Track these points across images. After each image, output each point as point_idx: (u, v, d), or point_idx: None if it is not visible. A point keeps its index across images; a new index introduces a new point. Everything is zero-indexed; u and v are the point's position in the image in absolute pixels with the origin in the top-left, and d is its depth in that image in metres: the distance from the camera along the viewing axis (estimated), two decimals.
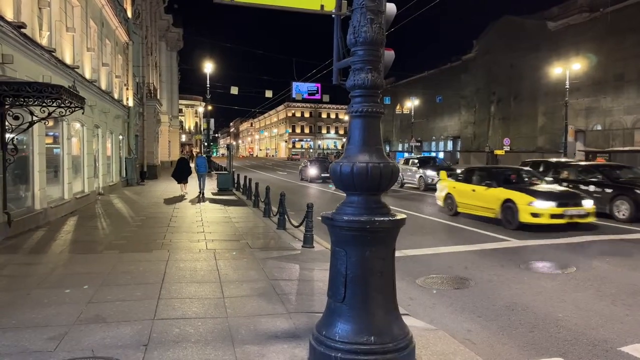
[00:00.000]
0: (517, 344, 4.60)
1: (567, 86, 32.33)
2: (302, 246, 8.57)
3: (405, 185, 24.36)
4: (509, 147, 41.33)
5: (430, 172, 22.32)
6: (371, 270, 3.56)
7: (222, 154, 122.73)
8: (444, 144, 63.50)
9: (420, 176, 22.81)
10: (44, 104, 8.57)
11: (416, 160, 24.67)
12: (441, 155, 59.97)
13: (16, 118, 8.63)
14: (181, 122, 75.50)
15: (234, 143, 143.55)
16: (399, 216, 3.67)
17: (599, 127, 38.43)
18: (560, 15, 41.54)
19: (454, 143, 60.34)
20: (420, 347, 4.01)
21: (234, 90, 39.24)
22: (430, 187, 21.53)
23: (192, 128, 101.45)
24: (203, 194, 18.37)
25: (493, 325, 5.08)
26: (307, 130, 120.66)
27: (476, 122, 54.13)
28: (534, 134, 43.87)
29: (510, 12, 61.08)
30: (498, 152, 42.06)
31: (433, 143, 65.53)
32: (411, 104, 57.14)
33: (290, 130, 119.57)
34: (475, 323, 5.16)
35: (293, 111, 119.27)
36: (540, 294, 6.19)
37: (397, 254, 3.85)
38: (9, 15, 9.41)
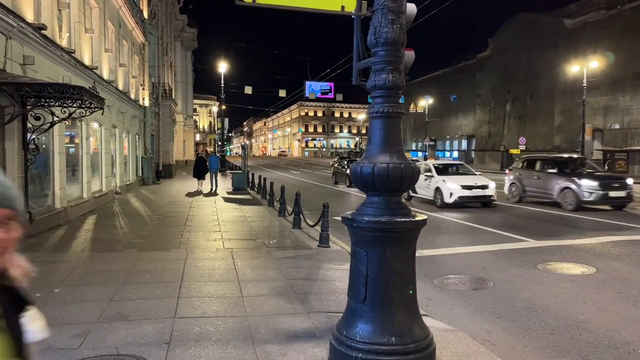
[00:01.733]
0: (538, 345, 4.56)
1: (585, 84, 31.88)
2: (318, 245, 8.59)
3: (529, 198, 16.36)
4: (524, 146, 40.88)
5: (587, 183, 14.06)
6: (392, 271, 3.56)
7: (236, 153, 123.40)
8: (458, 143, 62.99)
9: (566, 188, 14.43)
10: (65, 105, 8.71)
11: (551, 163, 16.16)
12: (455, 154, 59.58)
13: (37, 118, 8.78)
14: (195, 121, 76.05)
15: (247, 142, 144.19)
16: (420, 217, 3.67)
17: (617, 126, 37.82)
18: (577, 13, 40.95)
19: (469, 142, 59.80)
20: (440, 348, 4.00)
21: (248, 89, 39.49)
22: (587, 207, 14.13)
23: (206, 127, 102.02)
24: (215, 189, 20.17)
25: (513, 327, 5.04)
26: (320, 130, 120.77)
27: (491, 121, 53.60)
28: (550, 132, 43.31)
29: (526, 9, 60.47)
30: (513, 151, 41.62)
31: (447, 142, 65.06)
32: (425, 102, 56.80)
33: (303, 130, 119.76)
34: (494, 324, 5.13)
35: (306, 110, 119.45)
36: (560, 295, 6.13)
37: None
38: (30, 17, 9.57)
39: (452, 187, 14.84)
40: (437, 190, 15.31)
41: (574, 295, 6.10)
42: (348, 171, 25.11)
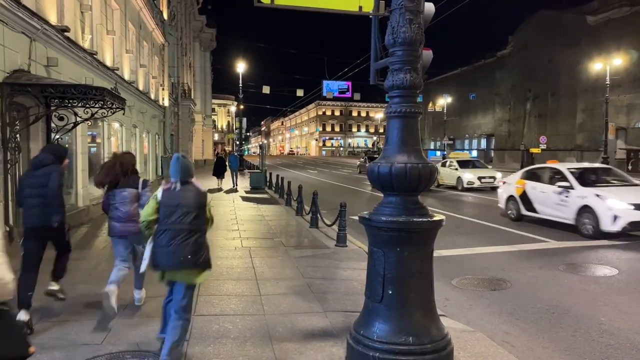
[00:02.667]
0: (558, 347, 4.51)
1: (608, 82, 31.27)
2: (335, 245, 8.60)
3: None
4: (545, 146, 40.26)
5: None
6: (409, 271, 3.56)
7: (254, 152, 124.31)
8: (477, 142, 62.34)
9: None
10: (88, 106, 8.88)
11: None
12: (474, 153, 58.95)
13: (61, 119, 8.97)
14: (214, 121, 76.69)
15: (265, 142, 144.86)
16: (437, 217, 3.66)
17: None
18: (599, 10, 40.13)
19: (488, 141, 59.13)
20: (457, 349, 3.99)
21: (266, 89, 39.68)
22: None
23: (224, 127, 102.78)
24: (235, 186, 21.14)
25: (532, 328, 4.99)
26: (337, 129, 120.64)
27: (511, 120, 52.90)
28: (572, 131, 42.57)
29: (547, 6, 59.49)
30: (534, 150, 40.99)
31: (466, 141, 64.42)
32: (444, 101, 56.35)
33: (320, 129, 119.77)
34: (513, 325, 5.08)
35: (323, 109, 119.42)
36: (581, 296, 6.04)
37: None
38: (53, 19, 9.79)
39: (617, 207, 9.57)
40: (585, 210, 10.03)
41: (596, 297, 6.00)
42: None
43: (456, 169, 21.33)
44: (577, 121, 42.38)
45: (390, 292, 3.53)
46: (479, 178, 20.10)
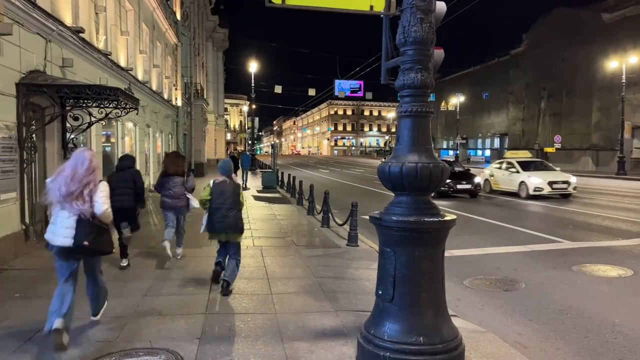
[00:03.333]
0: (571, 349, 4.47)
1: (624, 81, 30.85)
2: (347, 244, 8.61)
3: None
4: (559, 145, 39.79)
5: None
6: (420, 271, 3.55)
7: (266, 152, 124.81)
8: (490, 141, 61.77)
9: None
10: (102, 106, 8.97)
11: None
12: (488, 153, 58.47)
13: (76, 119, 9.07)
14: (226, 120, 77.04)
15: (277, 141, 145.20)
16: (448, 217, 3.64)
17: None
18: (615, 7, 39.53)
19: (501, 140, 58.55)
20: (469, 349, 3.97)
21: (278, 89, 39.79)
22: None
23: (236, 126, 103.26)
24: (245, 185, 21.06)
25: (545, 329, 4.95)
26: (349, 128, 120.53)
27: (525, 119, 52.35)
28: (587, 130, 42.00)
29: (562, 4, 58.69)
30: (548, 149, 40.54)
31: (479, 140, 63.88)
32: (456, 100, 55.96)
33: (332, 128, 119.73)
34: (526, 326, 5.04)
35: (335, 109, 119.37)
36: (595, 298, 5.97)
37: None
38: (68, 21, 9.90)
39: None
40: None
41: (610, 298, 5.93)
42: None
43: (517, 172, 17.87)
44: (592, 120, 41.80)
45: (401, 292, 3.53)
46: (550, 183, 16.72)
